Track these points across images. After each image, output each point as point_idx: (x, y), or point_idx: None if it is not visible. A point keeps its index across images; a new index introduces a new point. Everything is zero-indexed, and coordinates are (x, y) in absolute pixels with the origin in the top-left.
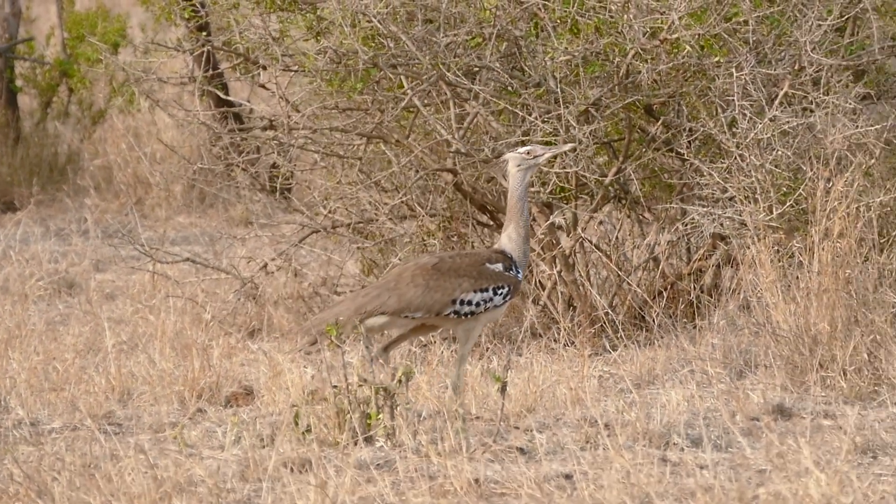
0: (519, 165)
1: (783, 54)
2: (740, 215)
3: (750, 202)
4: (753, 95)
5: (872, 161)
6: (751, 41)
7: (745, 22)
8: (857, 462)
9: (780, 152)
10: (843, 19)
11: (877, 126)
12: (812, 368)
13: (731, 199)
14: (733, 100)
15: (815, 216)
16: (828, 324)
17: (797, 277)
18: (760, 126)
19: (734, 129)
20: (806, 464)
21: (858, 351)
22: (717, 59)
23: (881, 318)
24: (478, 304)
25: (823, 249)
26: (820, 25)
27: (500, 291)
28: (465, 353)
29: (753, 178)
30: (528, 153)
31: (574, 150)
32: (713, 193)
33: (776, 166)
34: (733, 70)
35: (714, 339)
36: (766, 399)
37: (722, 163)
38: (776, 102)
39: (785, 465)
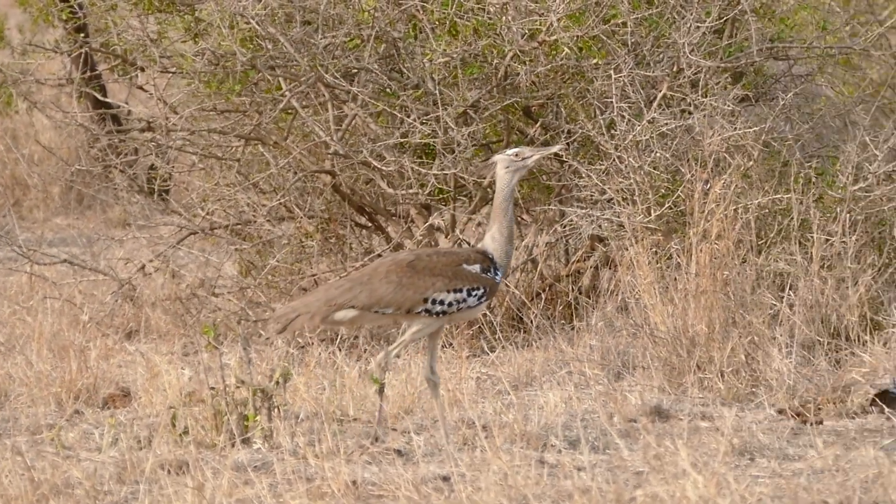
0: (507, 167)
1: (661, 56)
2: (618, 217)
3: (628, 204)
4: (632, 97)
5: (750, 163)
6: (629, 43)
7: (624, 24)
8: (734, 464)
9: (658, 154)
10: (722, 21)
11: (755, 128)
12: (690, 370)
13: (609, 200)
14: (612, 101)
15: (693, 218)
16: (705, 325)
17: (675, 279)
18: (639, 128)
19: (612, 131)
20: (683, 465)
21: (736, 352)
22: (595, 60)
23: (759, 320)
24: (450, 304)
25: (701, 251)
26: (698, 27)
27: (474, 293)
28: (409, 340)
29: (632, 180)
30: (517, 155)
31: (562, 151)
32: (591, 195)
33: (654, 168)
34: (612, 72)
35: (592, 341)
36: (644, 400)
37: (600, 164)
38: (654, 104)
39: (662, 466)
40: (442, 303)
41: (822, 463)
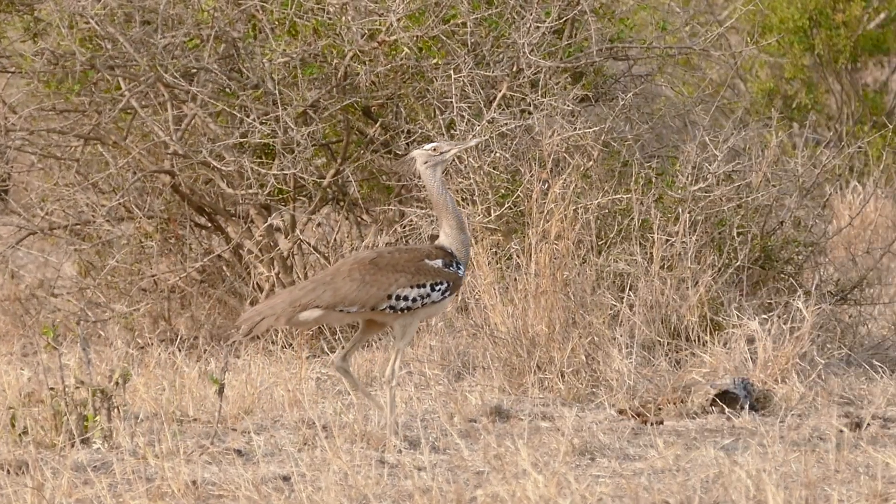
0: (426, 162)
1: (501, 56)
2: None
3: (468, 204)
4: (472, 97)
5: (590, 163)
6: (469, 43)
7: (464, 24)
8: (574, 464)
9: (498, 154)
10: (561, 21)
11: (595, 128)
12: (530, 370)
13: None
14: (451, 102)
15: (532, 218)
16: (546, 325)
17: (515, 279)
18: (479, 128)
19: (452, 131)
20: (524, 465)
21: (576, 353)
22: (435, 61)
23: (599, 320)
24: (414, 300)
25: (541, 251)
26: (538, 27)
27: (437, 287)
28: (402, 347)
29: (471, 180)
30: (435, 150)
31: (479, 145)
32: None
33: (494, 168)
34: (451, 72)
35: (432, 341)
36: (484, 401)
37: None
38: (494, 104)
39: (503, 466)
40: (406, 298)
41: (662, 463)
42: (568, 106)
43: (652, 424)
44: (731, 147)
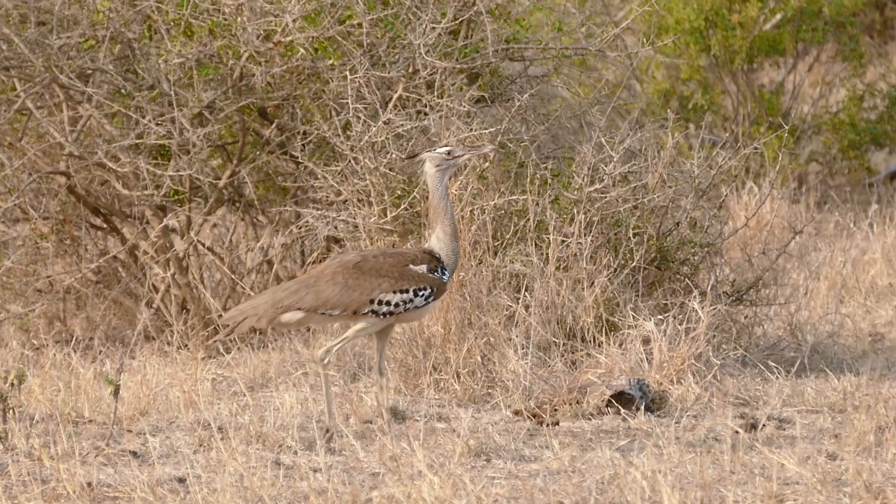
0: (438, 166)
1: (397, 57)
2: (354, 218)
3: (364, 205)
4: (367, 98)
5: (486, 164)
6: (365, 44)
7: (359, 25)
8: (470, 465)
9: (394, 155)
10: (457, 22)
11: (491, 129)
12: (426, 371)
13: (345, 202)
14: (347, 103)
15: (428, 219)
16: (441, 327)
17: None
18: (374, 129)
19: (348, 132)
20: (419, 467)
21: (472, 353)
22: (331, 62)
23: (495, 321)
24: (396, 305)
25: None
26: (434, 28)
27: (420, 293)
28: (351, 336)
29: (368, 181)
30: (449, 154)
31: (492, 151)
32: (327, 196)
33: (390, 169)
34: (347, 73)
35: (328, 343)
36: (380, 402)
37: (336, 166)
38: (390, 105)
39: (398, 467)
40: (388, 303)
41: (558, 464)
42: (464, 107)
43: (548, 425)
44: (627, 148)
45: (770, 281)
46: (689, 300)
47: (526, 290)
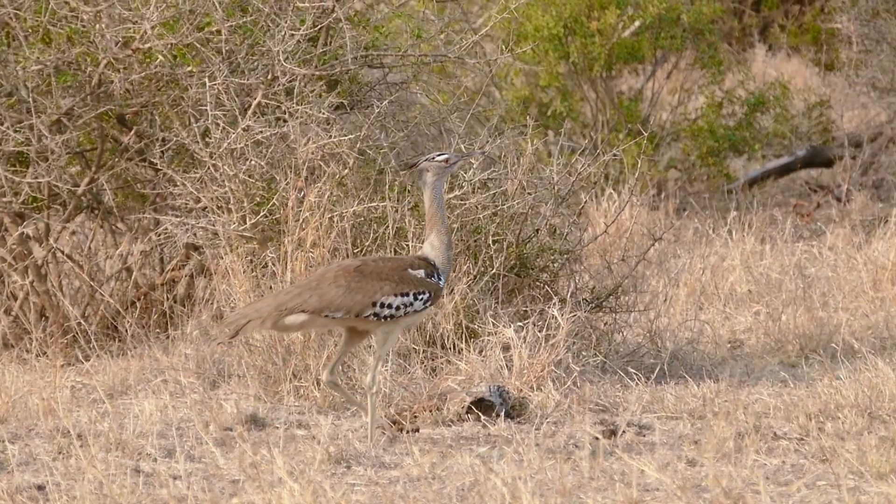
0: (438, 175)
1: (256, 64)
2: (213, 225)
3: (223, 212)
4: (227, 105)
5: (346, 171)
6: (224, 51)
7: (218, 32)
8: (330, 472)
9: (253, 162)
10: (316, 29)
11: (350, 136)
12: (286, 378)
13: (204, 209)
14: (206, 109)
15: (288, 226)
16: (301, 334)
17: (271, 287)
18: (234, 136)
19: (207, 139)
20: (279, 474)
21: (332, 360)
22: (190, 68)
23: None
24: (398, 308)
25: (297, 259)
26: (293, 35)
27: (420, 297)
28: (383, 354)
29: (227, 188)
30: (447, 161)
31: (480, 156)
32: (187, 203)
33: (250, 176)
34: (206, 80)
35: (187, 350)
36: (240, 409)
37: (195, 173)
38: (249, 112)
39: (258, 475)
40: (390, 306)
41: (418, 471)
42: (323, 114)
43: (408, 432)
44: (486, 155)
45: (629, 288)
46: (549, 307)
47: None
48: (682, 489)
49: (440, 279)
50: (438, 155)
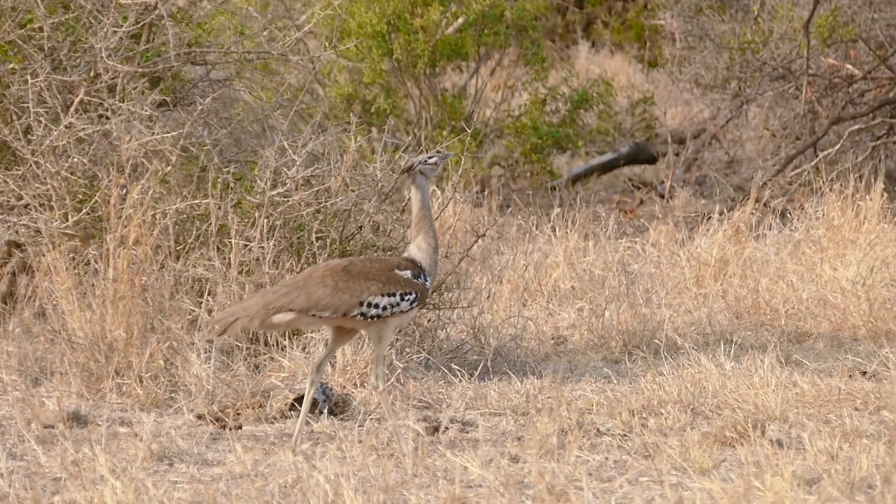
0: (428, 177)
1: (79, 61)
2: (36, 223)
3: (45, 209)
4: (49, 102)
5: (169, 168)
6: (46, 48)
7: (40, 28)
8: (153, 469)
9: (75, 159)
10: (139, 26)
11: (173, 133)
12: (108, 375)
13: (26, 206)
14: (28, 106)
15: (111, 223)
16: (124, 331)
17: (93, 284)
18: (56, 133)
19: (29, 136)
20: (102, 471)
21: (155, 358)
22: (11, 65)
23: (177, 325)
24: (384, 308)
25: (119, 257)
26: (115, 32)
27: (407, 297)
28: (381, 352)
29: (49, 186)
30: (436, 163)
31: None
32: (8, 201)
33: (72, 173)
34: (28, 77)
35: (9, 347)
36: (62, 406)
37: (17, 170)
38: (72, 109)
39: (80, 472)
40: (377, 306)
41: (241, 468)
42: (146, 111)
43: (230, 429)
44: (309, 152)
45: (453, 284)
46: None
47: (209, 295)
48: (505, 485)
49: (426, 280)
50: (429, 157)
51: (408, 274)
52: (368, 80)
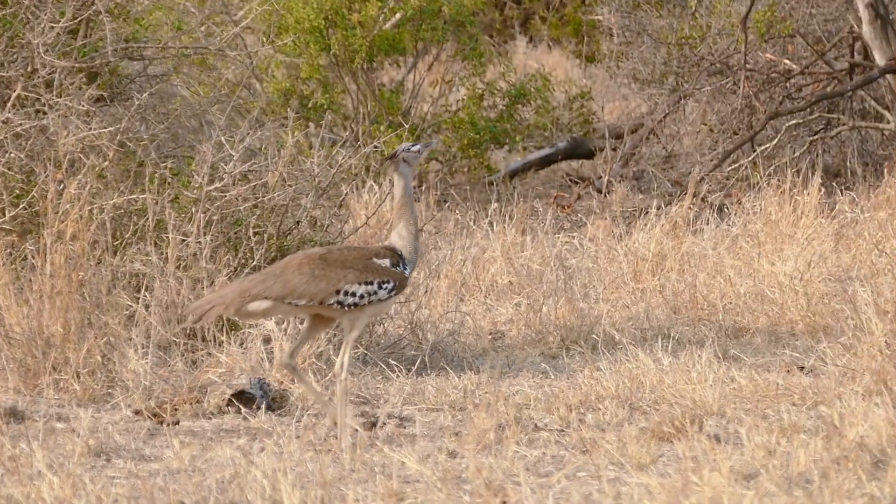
0: (411, 164)
1: (16, 56)
2: None
3: None
4: None
5: (106, 163)
6: None
7: None
8: (90, 465)
9: (13, 154)
10: (77, 21)
11: (110, 128)
12: (45, 371)
13: None
14: None
15: (47, 219)
16: (61, 326)
17: (30, 280)
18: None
19: None
20: (39, 467)
21: (92, 353)
22: None
23: (115, 321)
24: (361, 297)
25: (56, 252)
26: (52, 27)
27: (384, 286)
28: (350, 340)
29: None
30: (418, 151)
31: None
32: None
33: (9, 169)
34: None
35: None
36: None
37: None
38: (9, 105)
39: (17, 468)
40: (353, 294)
41: (178, 463)
42: (83, 106)
43: (168, 425)
44: (247, 147)
45: None
46: None
47: (146, 290)
48: (443, 481)
49: (406, 269)
50: (412, 146)
51: (386, 262)
52: (306, 75)
